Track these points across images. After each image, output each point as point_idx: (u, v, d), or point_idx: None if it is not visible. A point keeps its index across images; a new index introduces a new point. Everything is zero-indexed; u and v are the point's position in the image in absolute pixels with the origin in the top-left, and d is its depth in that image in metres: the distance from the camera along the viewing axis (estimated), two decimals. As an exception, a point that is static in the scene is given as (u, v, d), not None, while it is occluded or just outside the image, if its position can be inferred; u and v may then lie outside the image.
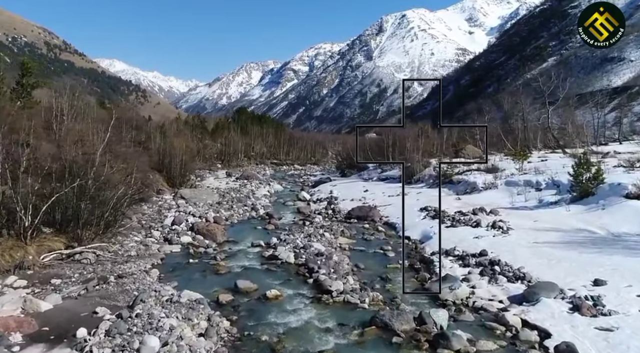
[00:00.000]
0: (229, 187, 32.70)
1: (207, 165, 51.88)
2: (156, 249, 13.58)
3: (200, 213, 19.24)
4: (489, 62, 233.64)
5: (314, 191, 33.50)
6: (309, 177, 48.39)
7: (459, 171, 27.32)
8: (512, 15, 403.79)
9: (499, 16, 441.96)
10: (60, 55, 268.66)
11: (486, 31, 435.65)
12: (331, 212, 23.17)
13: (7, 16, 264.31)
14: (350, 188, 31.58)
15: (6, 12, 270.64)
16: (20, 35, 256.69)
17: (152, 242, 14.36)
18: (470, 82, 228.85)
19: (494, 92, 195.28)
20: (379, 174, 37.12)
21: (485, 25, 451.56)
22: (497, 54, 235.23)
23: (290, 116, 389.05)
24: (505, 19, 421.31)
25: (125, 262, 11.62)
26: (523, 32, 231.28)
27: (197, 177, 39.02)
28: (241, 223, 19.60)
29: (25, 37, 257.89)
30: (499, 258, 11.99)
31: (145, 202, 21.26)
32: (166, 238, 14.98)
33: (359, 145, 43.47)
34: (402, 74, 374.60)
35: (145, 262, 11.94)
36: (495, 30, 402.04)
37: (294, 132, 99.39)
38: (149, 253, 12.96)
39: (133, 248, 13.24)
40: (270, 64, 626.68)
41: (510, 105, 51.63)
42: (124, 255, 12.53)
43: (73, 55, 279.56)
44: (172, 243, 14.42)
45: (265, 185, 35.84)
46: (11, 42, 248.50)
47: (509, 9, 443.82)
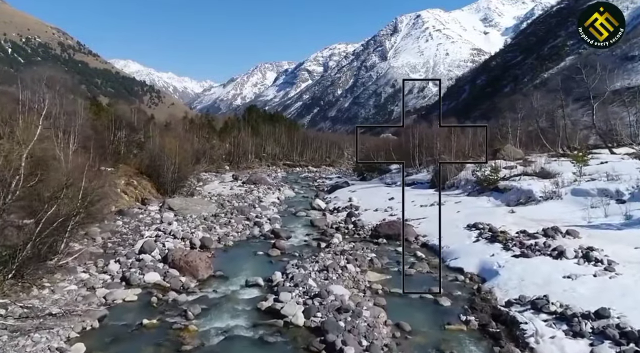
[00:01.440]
0: (233, 193, 28.51)
1: (214, 167, 47.93)
2: (102, 297, 9.30)
3: (184, 234, 15.03)
4: (506, 62, 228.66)
5: (330, 198, 29.19)
6: (324, 181, 44.06)
7: (504, 176, 22.75)
8: (528, 15, 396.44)
9: (514, 16, 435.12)
10: (74, 56, 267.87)
11: (501, 31, 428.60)
12: (352, 226, 18.85)
13: (21, 17, 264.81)
14: (373, 195, 27.17)
15: (20, 13, 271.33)
16: (35, 35, 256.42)
17: (103, 282, 10.13)
18: (486, 82, 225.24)
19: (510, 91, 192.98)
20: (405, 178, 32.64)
21: (501, 26, 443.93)
22: (513, 53, 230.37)
23: (304, 117, 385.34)
24: (520, 19, 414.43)
25: (34, 330, 7.28)
26: (540, 32, 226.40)
27: (200, 181, 35.02)
28: (238, 246, 15.30)
29: (39, 37, 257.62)
30: (629, 323, 7.51)
31: (123, 215, 17.12)
32: (124, 277, 10.72)
33: (380, 146, 39.16)
34: (417, 74, 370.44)
35: (72, 324, 7.66)
36: (510, 30, 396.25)
37: (308, 131, 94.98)
38: (85, 307, 8.62)
39: (66, 297, 8.97)
40: (284, 65, 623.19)
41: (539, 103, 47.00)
42: (42, 311, 8.21)
43: (87, 55, 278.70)
44: (131, 285, 10.18)
45: (275, 191, 31.61)
46: (25, 43, 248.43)
47: (524, 9, 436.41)
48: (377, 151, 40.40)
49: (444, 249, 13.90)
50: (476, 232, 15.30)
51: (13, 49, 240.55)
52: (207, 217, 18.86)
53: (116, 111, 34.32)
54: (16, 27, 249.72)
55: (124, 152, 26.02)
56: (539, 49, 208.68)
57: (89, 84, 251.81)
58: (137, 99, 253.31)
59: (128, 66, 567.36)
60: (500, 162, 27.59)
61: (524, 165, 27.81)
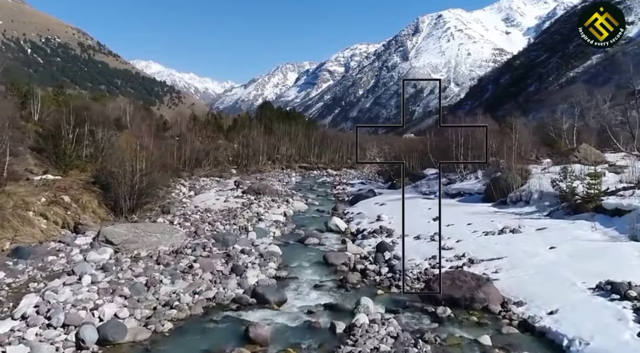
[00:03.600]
0: (226, 208, 21.92)
1: (217, 171, 41.52)
2: None
3: (77, 313, 8.01)
4: (530, 61, 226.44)
5: (352, 213, 22.48)
6: (345, 187, 37.22)
7: (607, 189, 15.65)
8: (550, 15, 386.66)
9: (536, 16, 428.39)
10: (94, 56, 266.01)
11: (523, 31, 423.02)
12: (387, 271, 12.10)
13: (41, 17, 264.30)
14: (409, 212, 20.35)
15: (40, 13, 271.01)
16: (54, 36, 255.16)
17: None
18: (510, 81, 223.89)
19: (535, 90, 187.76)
20: (445, 187, 25.71)
21: (522, 26, 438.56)
22: (537, 52, 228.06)
23: (325, 117, 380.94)
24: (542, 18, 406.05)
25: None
26: (564, 30, 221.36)
27: (192, 190, 28.58)
28: (180, 334, 8.03)
29: (58, 38, 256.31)
30: None
31: (20, 256, 10.61)
32: None
33: (411, 147, 32.49)
34: (438, 75, 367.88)
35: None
36: (532, 30, 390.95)
37: (328, 131, 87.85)
38: None
39: None
40: (306, 65, 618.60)
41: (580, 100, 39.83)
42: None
43: (107, 56, 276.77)
44: None
45: (282, 202, 24.98)
46: (44, 43, 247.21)
47: (546, 9, 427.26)
48: (409, 152, 33.39)
49: (572, 339, 7.10)
50: (619, 303, 8.32)
51: (32, 50, 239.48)
52: (161, 255, 12.21)
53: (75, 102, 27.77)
54: (36, 28, 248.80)
55: (76, 155, 19.61)
56: (563, 47, 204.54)
57: (108, 85, 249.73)
58: (157, 100, 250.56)
59: (149, 67, 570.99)
60: (577, 166, 20.48)
61: (614, 171, 20.66)
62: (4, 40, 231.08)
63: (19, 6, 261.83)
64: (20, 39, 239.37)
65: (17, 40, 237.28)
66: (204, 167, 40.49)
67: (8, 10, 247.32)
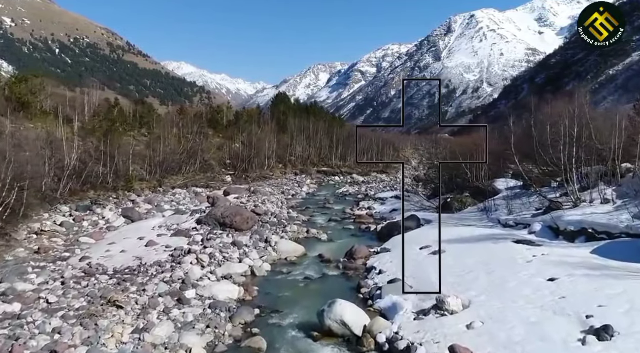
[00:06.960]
0: (137, 264, 11.43)
1: (205, 179, 31.28)
2: None
3: None
4: (566, 59, 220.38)
5: (377, 274, 11.72)
6: (374, 204, 26.28)
7: None
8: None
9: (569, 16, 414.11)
10: (123, 57, 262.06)
11: (556, 31, 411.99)
12: None
13: (70, 17, 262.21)
14: (495, 274, 9.56)
15: (70, 14, 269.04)
16: (83, 36, 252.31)
17: None
18: (545, 81, 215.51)
19: (574, 89, 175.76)
20: (543, 217, 14.47)
21: (556, 26, 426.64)
22: (574, 50, 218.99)
23: (357, 118, 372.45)
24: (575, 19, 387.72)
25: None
26: None
27: (124, 216, 18.22)
28: None
29: (87, 38, 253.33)
30: None
31: None
32: None
33: (474, 146, 21.75)
34: (471, 75, 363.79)
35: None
36: (565, 30, 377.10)
37: (354, 129, 76.28)
38: None
39: None
40: (337, 66, 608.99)
41: None
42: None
43: (137, 56, 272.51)
44: None
45: (260, 241, 14.33)
46: (73, 43, 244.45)
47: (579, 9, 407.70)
48: (471, 153, 22.10)
49: None
50: None
51: (60, 50, 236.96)
52: None
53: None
54: (64, 28, 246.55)
55: None
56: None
57: (138, 85, 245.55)
58: (186, 100, 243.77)
59: (181, 68, 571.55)
60: None
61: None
62: (32, 40, 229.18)
63: (47, 6, 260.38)
64: (48, 39, 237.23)
65: (45, 40, 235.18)
66: (184, 173, 30.35)
67: (36, 10, 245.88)
